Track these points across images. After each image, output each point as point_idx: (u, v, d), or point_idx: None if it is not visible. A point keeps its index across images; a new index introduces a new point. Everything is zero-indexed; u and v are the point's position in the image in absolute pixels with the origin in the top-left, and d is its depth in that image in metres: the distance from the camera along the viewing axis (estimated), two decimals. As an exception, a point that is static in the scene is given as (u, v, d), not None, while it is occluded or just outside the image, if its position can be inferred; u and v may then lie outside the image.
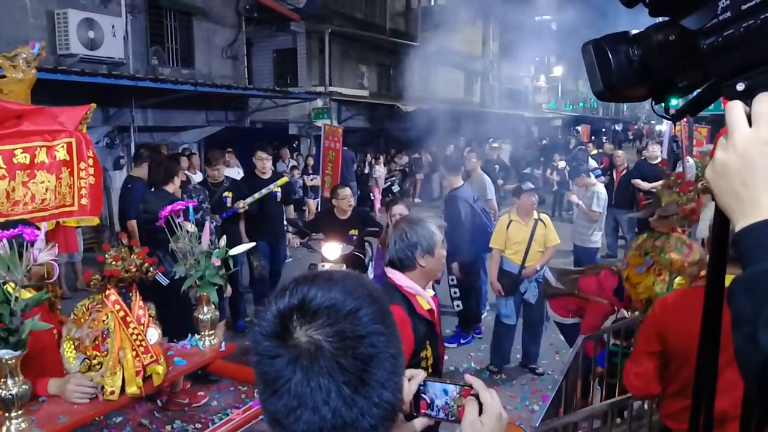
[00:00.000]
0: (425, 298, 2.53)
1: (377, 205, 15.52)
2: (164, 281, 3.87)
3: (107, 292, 2.43)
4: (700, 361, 0.97)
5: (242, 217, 6.59)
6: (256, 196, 6.54)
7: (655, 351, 2.60)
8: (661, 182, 8.82)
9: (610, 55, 0.99)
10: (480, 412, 1.01)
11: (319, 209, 10.98)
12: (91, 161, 3.43)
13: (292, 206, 7.68)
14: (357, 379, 0.86)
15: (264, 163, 7.11)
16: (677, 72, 0.97)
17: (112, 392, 2.35)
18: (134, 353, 2.39)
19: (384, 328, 0.91)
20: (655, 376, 2.63)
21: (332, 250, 5.53)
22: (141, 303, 2.51)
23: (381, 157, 16.62)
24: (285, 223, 7.38)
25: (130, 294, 2.51)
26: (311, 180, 13.19)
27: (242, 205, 6.38)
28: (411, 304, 2.46)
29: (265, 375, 0.89)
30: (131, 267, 2.47)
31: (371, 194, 15.98)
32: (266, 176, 7.11)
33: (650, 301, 4.08)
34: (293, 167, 13.77)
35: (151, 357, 2.44)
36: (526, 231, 5.73)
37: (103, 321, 2.39)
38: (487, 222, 6.50)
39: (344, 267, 5.15)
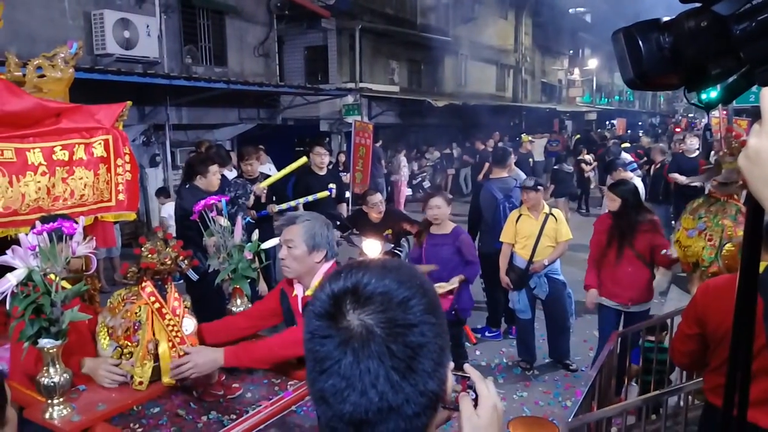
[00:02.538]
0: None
1: (402, 201, 15.34)
2: (194, 277, 3.92)
3: (143, 284, 2.49)
4: (734, 348, 0.96)
5: (277, 217, 6.63)
6: (292, 203, 6.59)
7: (695, 333, 2.70)
8: (698, 176, 8.63)
9: (640, 43, 0.98)
10: (476, 405, 1.02)
11: (349, 205, 11.03)
12: (127, 158, 3.51)
13: (344, 204, 7.70)
14: (405, 366, 0.88)
15: (322, 159, 7.18)
16: (710, 59, 0.95)
17: (141, 383, 2.40)
18: (170, 344, 2.44)
19: (434, 319, 0.92)
20: (698, 356, 2.78)
21: (372, 247, 5.59)
22: (176, 295, 2.55)
23: (403, 152, 16.47)
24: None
25: (166, 286, 2.55)
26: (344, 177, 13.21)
27: (276, 209, 6.44)
28: None
29: (315, 354, 0.91)
30: (166, 260, 2.52)
31: (397, 188, 15.81)
32: (323, 172, 7.18)
33: (697, 265, 4.06)
34: (329, 163, 13.78)
35: (187, 347, 2.49)
36: (535, 225, 5.64)
37: (136, 313, 2.44)
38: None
39: None
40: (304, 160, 6.86)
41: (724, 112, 8.16)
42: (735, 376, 0.98)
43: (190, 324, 2.52)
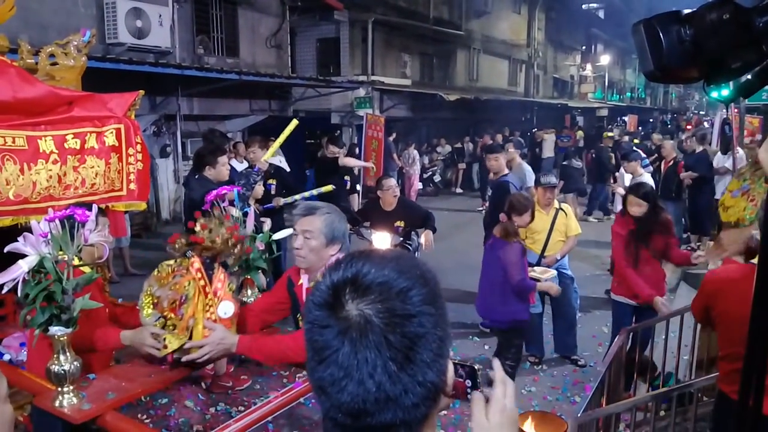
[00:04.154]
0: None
1: (413, 195, 15.27)
2: None
3: (192, 259, 2.46)
4: (751, 340, 0.95)
5: (286, 209, 6.63)
6: (297, 197, 6.59)
7: (701, 312, 2.87)
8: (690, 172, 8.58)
9: (661, 35, 0.97)
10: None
11: (360, 198, 11.01)
12: (139, 147, 3.51)
13: (357, 195, 7.71)
14: (403, 357, 0.88)
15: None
16: (731, 52, 0.94)
17: (165, 347, 2.38)
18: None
19: (434, 310, 0.92)
20: (706, 322, 2.95)
21: (382, 240, 5.58)
22: (221, 276, 2.50)
23: (413, 145, 16.40)
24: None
25: (215, 265, 2.52)
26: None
27: (281, 202, 6.45)
28: None
29: (314, 343, 0.91)
30: (216, 238, 2.48)
31: (409, 182, 15.77)
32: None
33: (738, 226, 4.08)
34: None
35: (211, 324, 2.45)
36: (546, 220, 5.65)
37: (185, 286, 2.41)
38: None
39: None
40: (295, 123, 6.80)
41: (735, 110, 8.08)
42: (752, 367, 0.97)
43: (229, 308, 2.46)
